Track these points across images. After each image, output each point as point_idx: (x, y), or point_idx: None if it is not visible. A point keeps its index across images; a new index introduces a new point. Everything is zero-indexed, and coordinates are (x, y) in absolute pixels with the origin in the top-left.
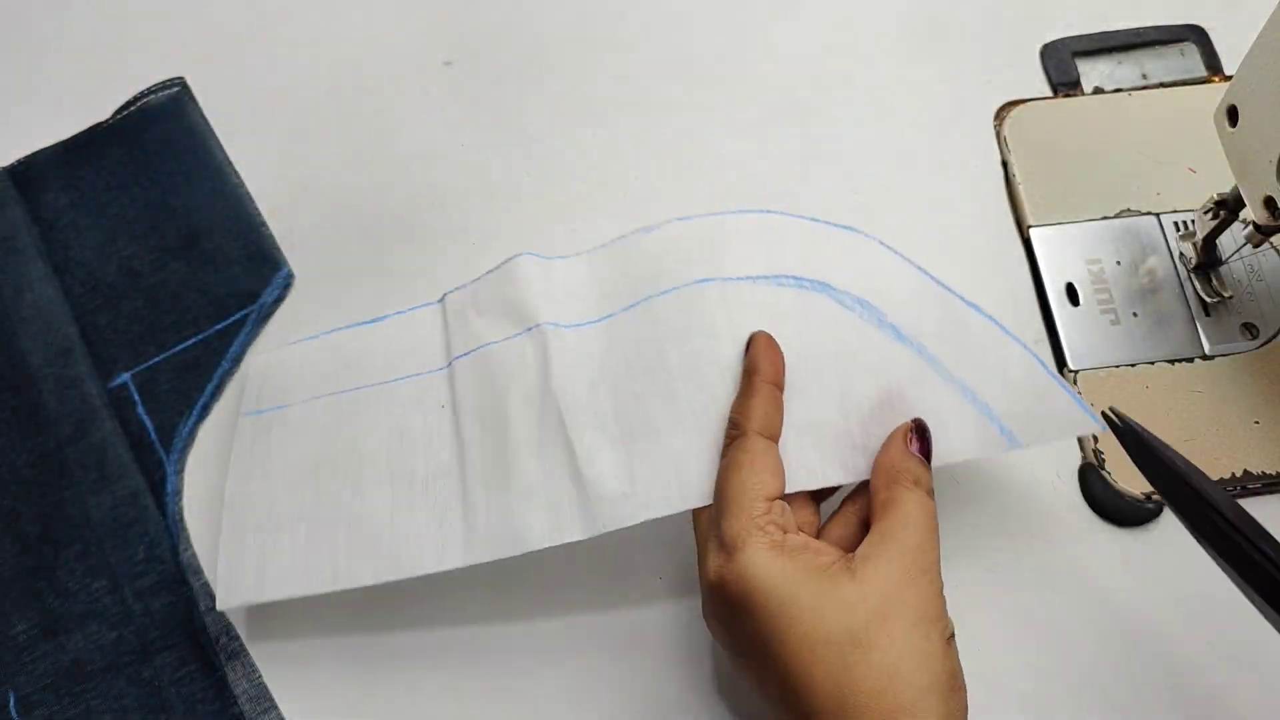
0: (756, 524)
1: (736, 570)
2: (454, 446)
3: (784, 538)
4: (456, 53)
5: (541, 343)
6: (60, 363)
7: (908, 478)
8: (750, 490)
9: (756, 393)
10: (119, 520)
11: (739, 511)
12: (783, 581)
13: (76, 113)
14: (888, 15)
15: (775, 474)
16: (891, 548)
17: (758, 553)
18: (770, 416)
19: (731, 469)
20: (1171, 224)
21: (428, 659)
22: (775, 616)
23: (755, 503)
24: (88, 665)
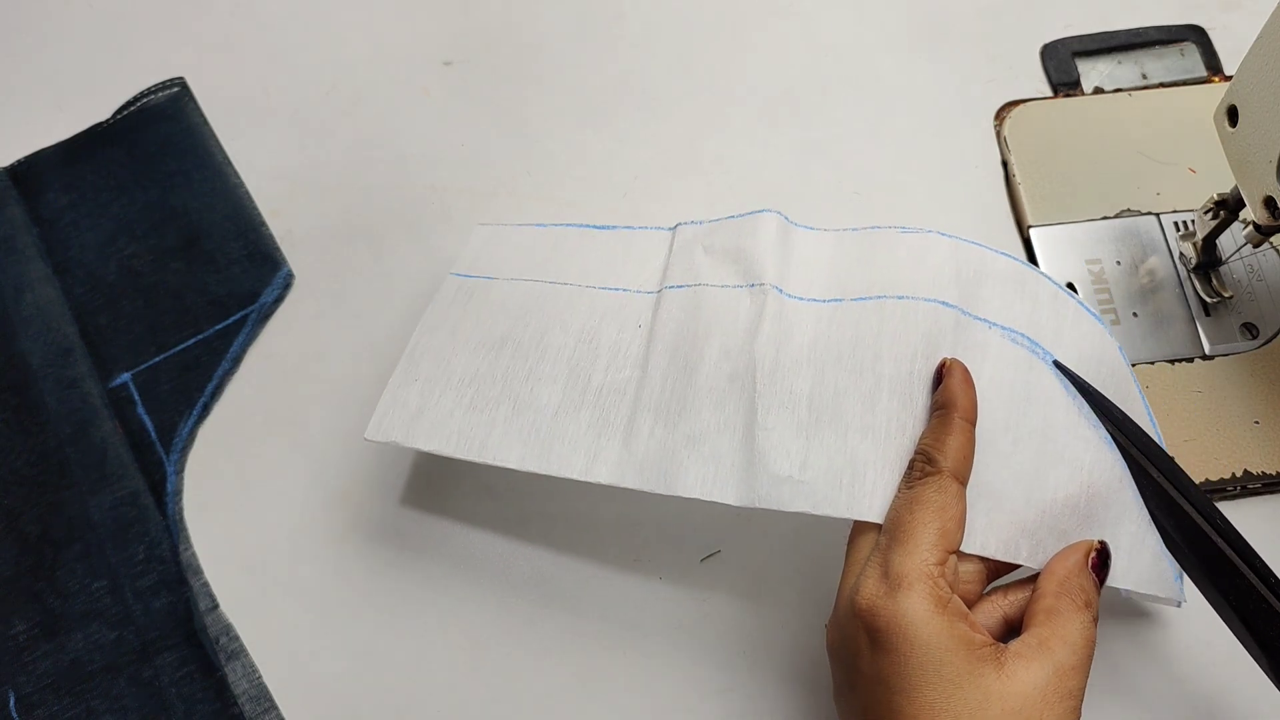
0: (929, 571)
1: (893, 608)
2: (637, 368)
3: (950, 597)
4: (456, 53)
5: (760, 302)
6: (60, 363)
7: (1081, 596)
8: (934, 534)
9: (955, 430)
10: (119, 520)
11: (915, 550)
12: (934, 641)
13: (76, 113)
14: (888, 15)
15: (960, 526)
16: (1046, 659)
17: (922, 601)
18: (966, 460)
19: (919, 505)
20: (1171, 224)
21: (427, 659)
22: (913, 672)
23: (935, 549)
24: (88, 665)
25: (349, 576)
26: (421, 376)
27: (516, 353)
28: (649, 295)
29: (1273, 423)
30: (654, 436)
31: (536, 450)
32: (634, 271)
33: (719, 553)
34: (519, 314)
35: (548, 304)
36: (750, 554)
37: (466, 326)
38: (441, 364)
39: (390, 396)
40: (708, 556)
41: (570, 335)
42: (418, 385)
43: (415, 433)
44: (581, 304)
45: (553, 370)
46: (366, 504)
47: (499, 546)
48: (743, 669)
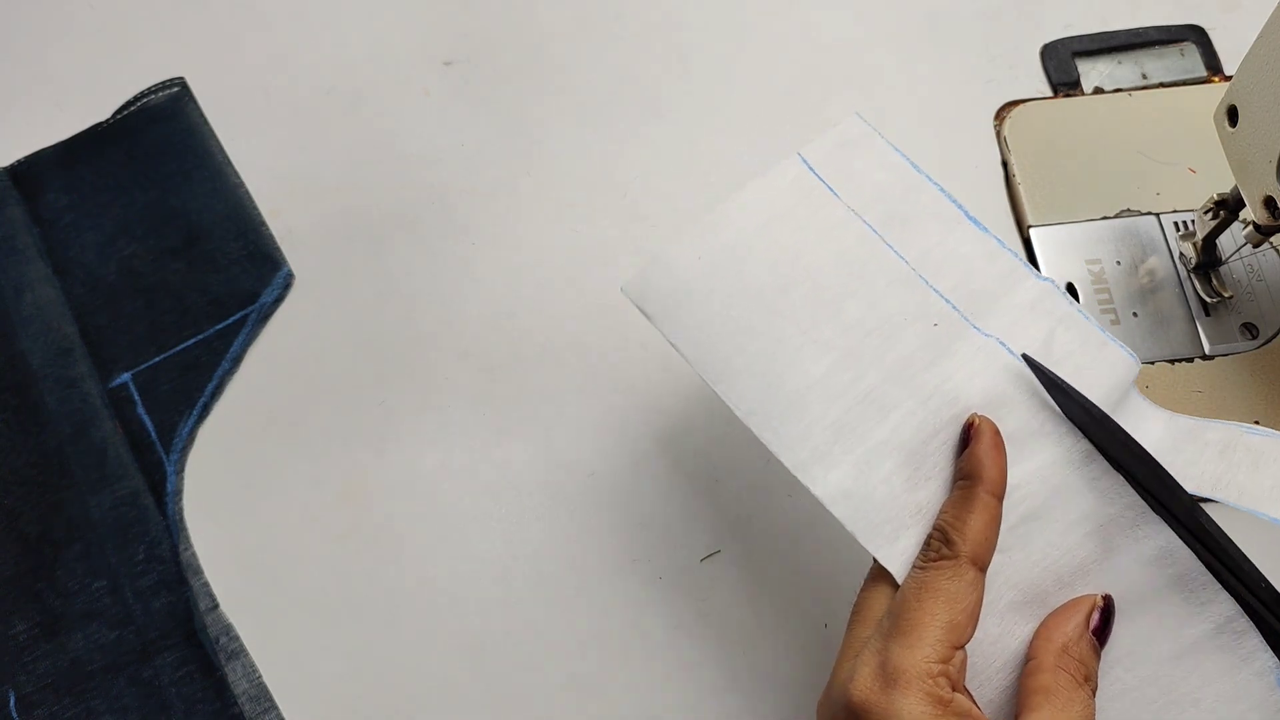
0: (929, 670)
1: (888, 708)
2: (913, 398)
3: (951, 697)
4: (456, 53)
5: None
6: (60, 363)
7: (1080, 670)
8: (942, 628)
9: (978, 508)
10: (119, 520)
11: (918, 645)
12: None
13: (76, 113)
14: (888, 15)
15: (972, 619)
16: None
17: (919, 703)
18: (987, 543)
19: (928, 593)
20: (1171, 224)
21: (427, 659)
22: None
23: (940, 645)
24: (88, 665)
25: (349, 576)
26: (705, 255)
27: (809, 299)
28: (963, 322)
29: (1273, 423)
30: (889, 485)
31: (769, 416)
32: (961, 271)
33: (719, 553)
34: (836, 256)
35: (870, 265)
36: (750, 554)
37: (778, 232)
38: (731, 257)
39: (667, 258)
40: (708, 556)
41: (872, 316)
42: (697, 264)
43: (667, 315)
44: (901, 287)
45: (833, 340)
46: (367, 504)
47: (498, 546)
48: (743, 669)
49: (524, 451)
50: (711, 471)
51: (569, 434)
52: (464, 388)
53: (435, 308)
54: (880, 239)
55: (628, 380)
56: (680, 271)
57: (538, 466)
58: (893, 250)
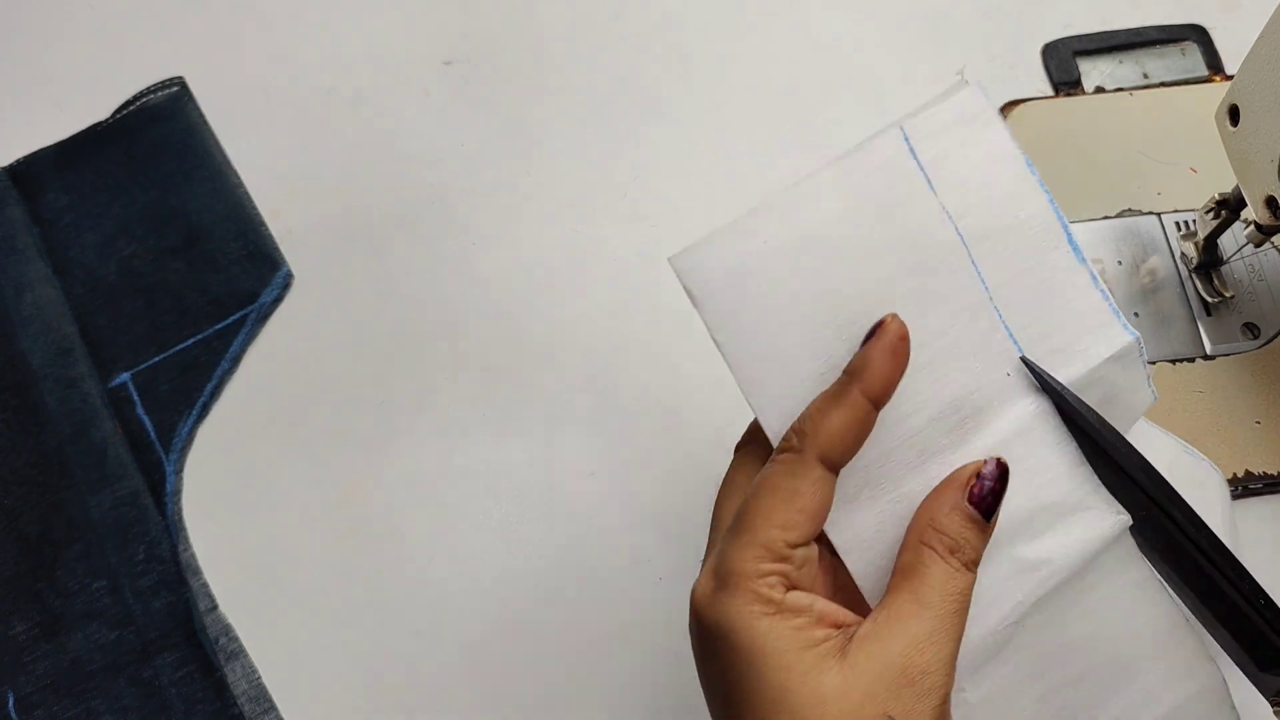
0: (759, 570)
1: (716, 610)
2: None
3: (784, 596)
4: (456, 53)
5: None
6: (60, 363)
7: (944, 541)
8: (776, 529)
9: (845, 403)
10: (119, 520)
11: (749, 545)
12: (760, 645)
13: (76, 113)
14: (888, 15)
15: (813, 517)
16: (894, 634)
17: (746, 604)
18: (843, 442)
19: (765, 490)
20: (1173, 224)
21: (427, 659)
22: (741, 678)
23: (772, 544)
24: (87, 665)
25: (349, 576)
26: (772, 241)
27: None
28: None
29: (1274, 423)
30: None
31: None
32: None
33: None
34: (913, 267)
35: (947, 283)
36: None
37: (857, 223)
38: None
39: (729, 237)
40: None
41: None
42: (762, 249)
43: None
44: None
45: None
46: (367, 504)
47: (498, 546)
48: None
49: (524, 451)
50: (711, 471)
51: (569, 434)
52: (464, 388)
53: (435, 308)
54: (967, 252)
55: (627, 380)
56: (741, 255)
57: (538, 466)
58: (975, 269)
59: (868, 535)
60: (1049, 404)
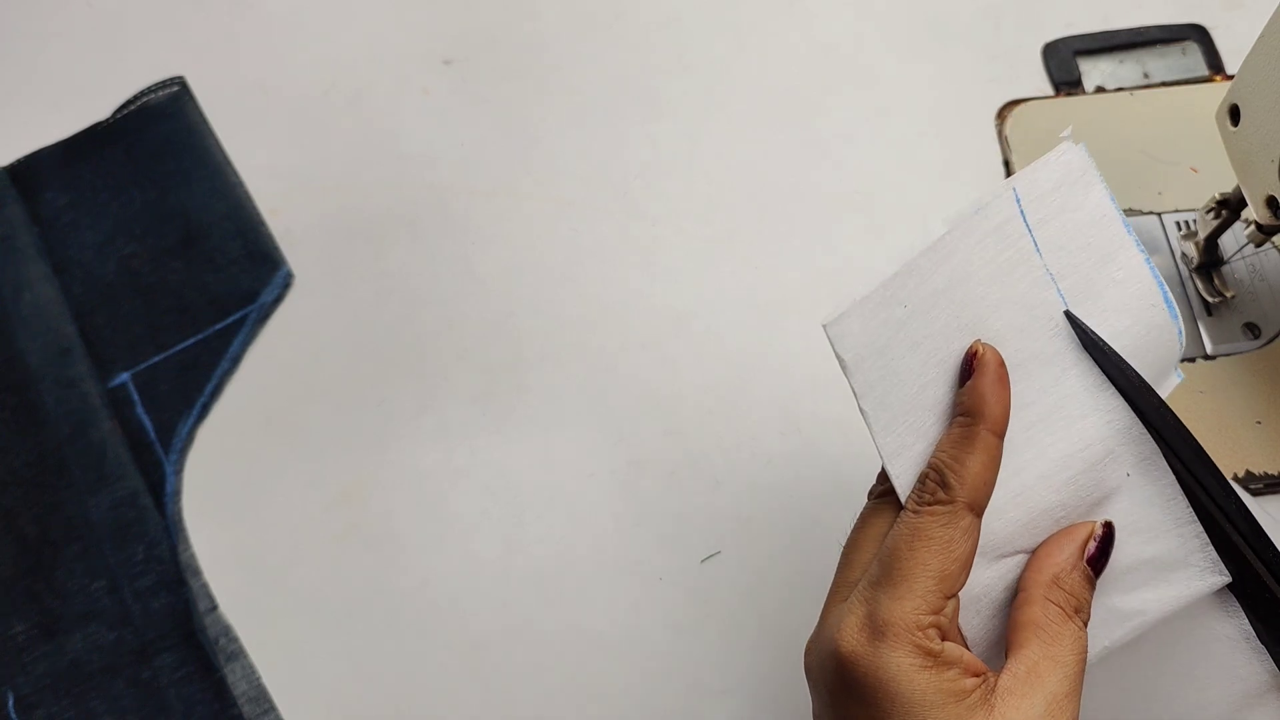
0: (920, 623)
1: (875, 661)
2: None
3: (941, 648)
4: (456, 52)
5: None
6: (60, 362)
7: (1070, 602)
8: (932, 579)
9: (978, 447)
10: (118, 520)
11: (907, 596)
12: (916, 698)
13: (76, 112)
14: (889, 14)
15: (966, 568)
16: (1036, 691)
17: (907, 656)
18: (987, 485)
19: (920, 540)
20: (1173, 223)
21: (427, 659)
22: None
23: (930, 596)
24: (86, 666)
25: (348, 577)
26: (910, 306)
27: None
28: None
29: (1275, 423)
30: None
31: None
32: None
33: (719, 554)
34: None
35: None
36: (750, 555)
37: (977, 285)
38: (931, 311)
39: (877, 299)
40: (708, 557)
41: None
42: (899, 311)
43: (864, 371)
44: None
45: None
46: (366, 504)
47: (498, 546)
48: (743, 670)
49: (524, 451)
50: (712, 472)
51: (569, 434)
52: (464, 388)
53: (435, 308)
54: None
55: (627, 380)
56: (886, 321)
57: (538, 466)
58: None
59: (978, 590)
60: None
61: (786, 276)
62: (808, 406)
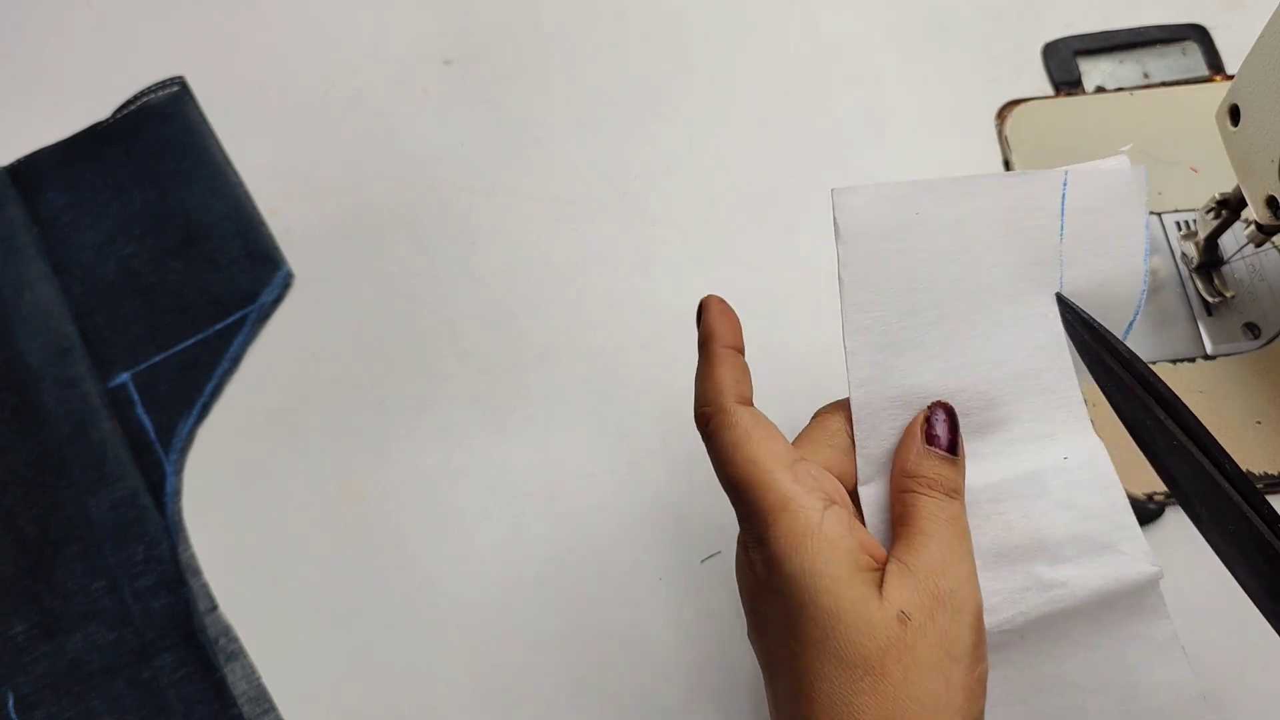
0: (793, 490)
1: (770, 550)
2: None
3: (827, 509)
4: (456, 52)
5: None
6: (59, 362)
7: (921, 483)
8: (768, 459)
9: (720, 360)
10: (118, 520)
11: (767, 485)
12: (816, 570)
13: (76, 112)
14: (889, 14)
15: (781, 440)
16: (914, 568)
17: (794, 526)
18: (742, 384)
19: (729, 451)
20: (1173, 223)
21: (427, 659)
22: (799, 610)
23: (781, 470)
24: (86, 666)
25: (349, 576)
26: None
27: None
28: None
29: (1275, 423)
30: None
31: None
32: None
33: (719, 554)
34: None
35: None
36: None
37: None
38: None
39: (893, 192)
40: (708, 557)
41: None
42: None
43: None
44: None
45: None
46: (366, 504)
47: (498, 546)
48: (743, 670)
49: (524, 451)
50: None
51: (568, 434)
52: (464, 388)
53: (435, 308)
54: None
55: (627, 380)
56: (894, 215)
57: (537, 466)
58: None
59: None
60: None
61: (786, 276)
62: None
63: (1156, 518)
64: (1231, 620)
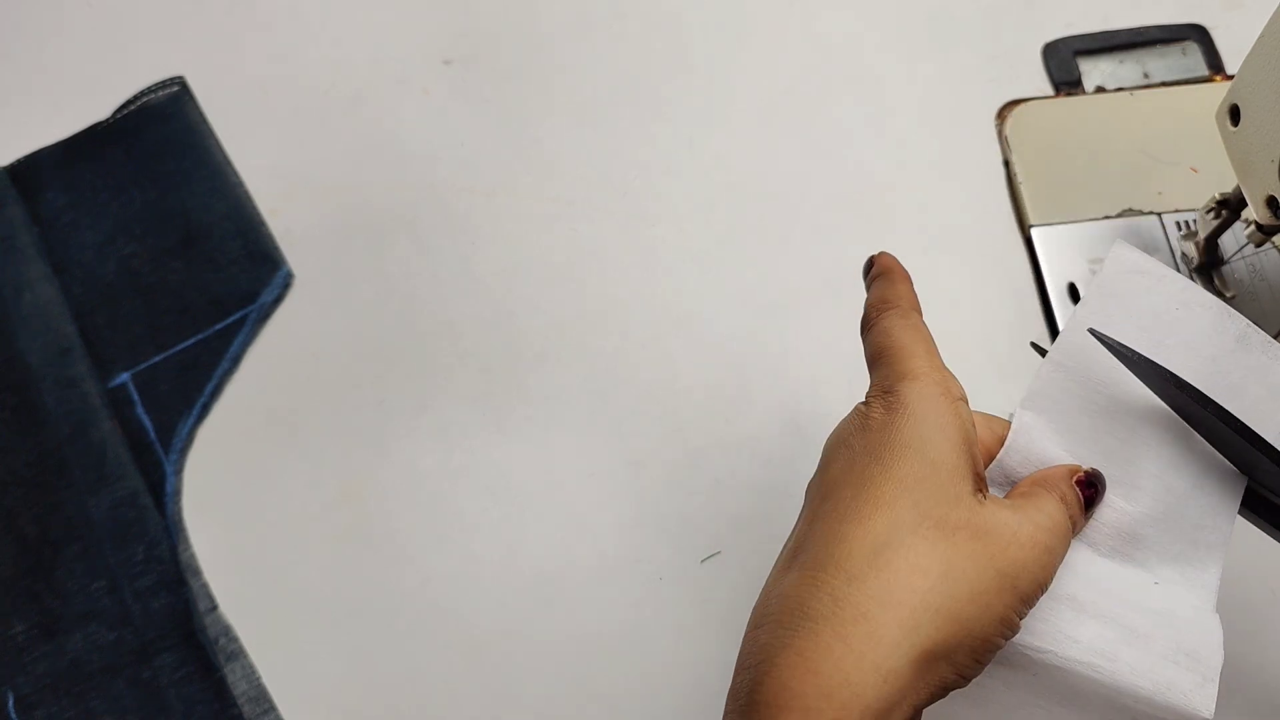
0: (943, 372)
1: (899, 397)
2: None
3: (961, 393)
4: (456, 52)
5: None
6: (60, 362)
7: (1055, 489)
8: (921, 346)
9: (898, 279)
10: (118, 520)
11: (921, 356)
12: (930, 418)
13: (76, 112)
14: (889, 14)
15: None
16: (1019, 507)
17: (928, 386)
18: (913, 299)
19: (897, 323)
20: (1173, 224)
21: (427, 659)
22: (899, 441)
23: (930, 356)
24: (87, 666)
25: (349, 577)
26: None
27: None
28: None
29: None
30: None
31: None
32: None
33: (719, 554)
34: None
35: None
36: (751, 555)
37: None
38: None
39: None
40: (708, 557)
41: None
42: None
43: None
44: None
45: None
46: (366, 504)
47: (499, 546)
48: None
49: (524, 451)
50: (712, 471)
51: (568, 434)
52: (464, 388)
53: (435, 308)
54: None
55: (627, 380)
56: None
57: (537, 466)
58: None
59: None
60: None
61: (786, 276)
62: (808, 406)
63: None
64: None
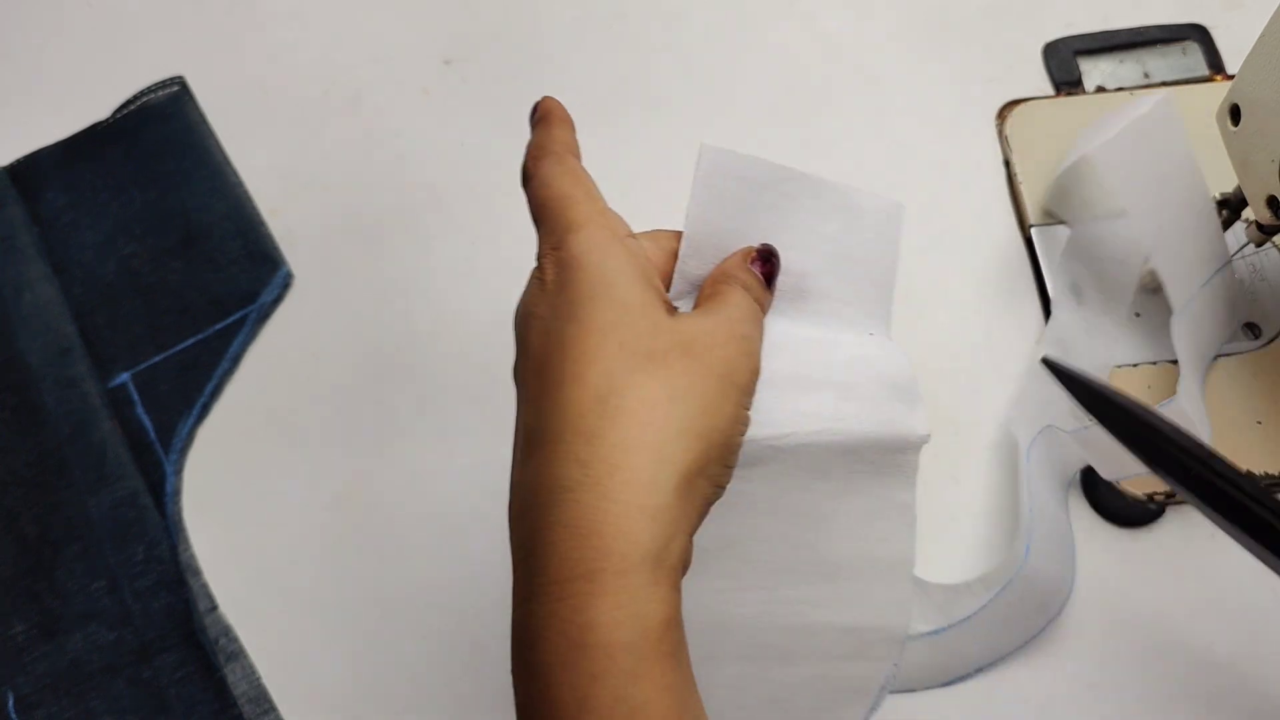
0: (606, 215)
1: (568, 245)
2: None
3: (626, 233)
4: (456, 52)
5: None
6: (59, 362)
7: (737, 282)
8: (590, 192)
9: (554, 122)
10: (118, 520)
11: (581, 202)
12: (608, 264)
13: (76, 112)
14: (889, 14)
15: (595, 187)
16: (711, 312)
17: (595, 233)
18: (570, 143)
19: (553, 173)
20: None
21: (428, 660)
22: (586, 295)
23: (598, 201)
24: (87, 666)
25: (349, 577)
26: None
27: None
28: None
29: (1275, 423)
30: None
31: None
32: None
33: None
34: None
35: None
36: None
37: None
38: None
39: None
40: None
41: None
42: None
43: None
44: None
45: None
46: (366, 504)
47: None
48: None
49: None
50: None
51: None
52: (464, 388)
53: (435, 308)
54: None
55: None
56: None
57: None
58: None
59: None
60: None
61: None
62: None
63: (1157, 518)
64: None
